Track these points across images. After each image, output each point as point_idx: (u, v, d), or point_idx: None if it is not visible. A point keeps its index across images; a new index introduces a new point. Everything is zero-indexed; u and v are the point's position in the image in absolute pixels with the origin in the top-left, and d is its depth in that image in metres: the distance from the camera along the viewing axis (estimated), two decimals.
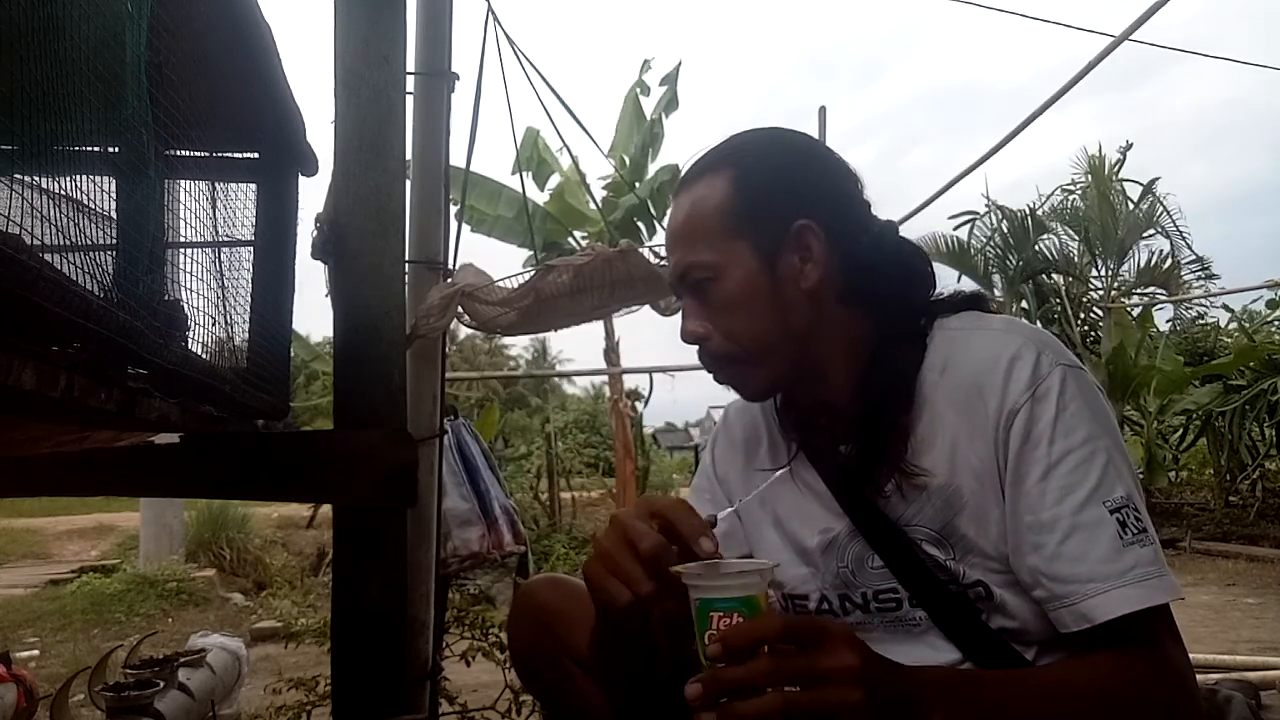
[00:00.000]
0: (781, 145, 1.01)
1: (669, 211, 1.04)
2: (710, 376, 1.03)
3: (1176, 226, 9.59)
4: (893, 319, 0.97)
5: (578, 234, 9.71)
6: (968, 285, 10.02)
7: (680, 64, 9.46)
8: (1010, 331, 0.93)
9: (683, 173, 1.04)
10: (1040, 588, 0.86)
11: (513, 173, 8.84)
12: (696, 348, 0.99)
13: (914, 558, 0.94)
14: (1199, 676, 1.11)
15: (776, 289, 0.95)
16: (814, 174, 1.00)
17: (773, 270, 0.95)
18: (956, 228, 10.20)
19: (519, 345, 21.32)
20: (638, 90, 9.65)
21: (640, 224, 9.23)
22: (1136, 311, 10.09)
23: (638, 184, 9.10)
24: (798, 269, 0.95)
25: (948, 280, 1.09)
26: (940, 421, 0.92)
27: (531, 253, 8.82)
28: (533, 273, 1.98)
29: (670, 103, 9.37)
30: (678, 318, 1.07)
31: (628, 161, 9.46)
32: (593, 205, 9.26)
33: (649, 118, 9.43)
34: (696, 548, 0.78)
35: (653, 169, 9.40)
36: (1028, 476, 0.86)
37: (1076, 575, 0.83)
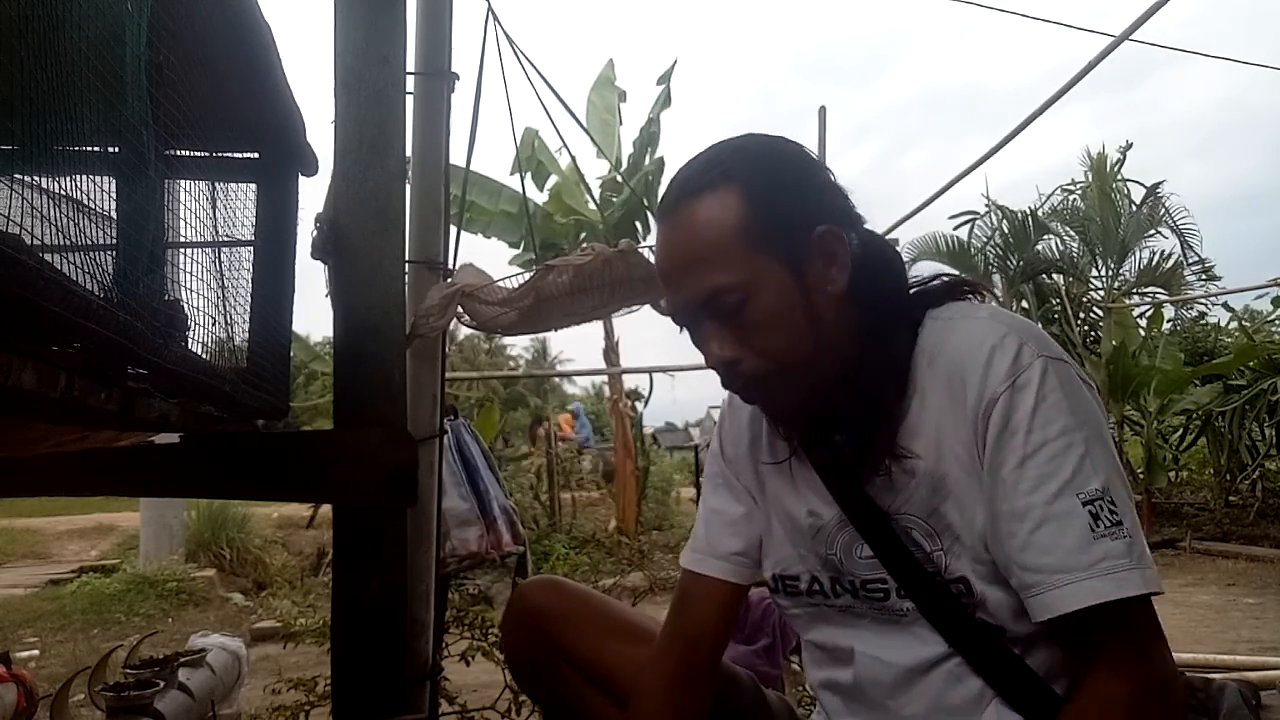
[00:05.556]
0: (780, 152, 0.98)
1: (661, 239, 0.97)
2: (720, 383, 1.00)
3: (1177, 226, 9.59)
4: (886, 310, 0.97)
5: (577, 234, 9.71)
6: None
7: (676, 62, 9.45)
8: (995, 320, 0.93)
9: (668, 194, 0.97)
10: (1013, 576, 0.87)
11: (512, 173, 8.82)
12: (723, 371, 0.95)
13: (902, 548, 0.95)
14: (1200, 676, 1.12)
15: (807, 299, 0.93)
16: (817, 178, 0.98)
17: (802, 280, 0.93)
18: (956, 228, 10.20)
19: (519, 345, 21.35)
20: (618, 100, 9.66)
21: (637, 223, 9.22)
22: (1139, 312, 10.09)
23: (634, 182, 9.09)
24: (823, 275, 0.94)
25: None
26: (928, 409, 0.93)
27: (530, 253, 8.82)
28: (533, 273, 1.98)
29: (665, 101, 9.36)
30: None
31: (624, 162, 9.45)
32: (592, 205, 9.25)
33: (647, 116, 9.42)
34: None
35: (647, 166, 9.39)
36: (1004, 464, 0.87)
37: (1045, 565, 0.83)
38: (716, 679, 1.12)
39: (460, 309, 1.98)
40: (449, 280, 2.04)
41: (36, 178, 0.69)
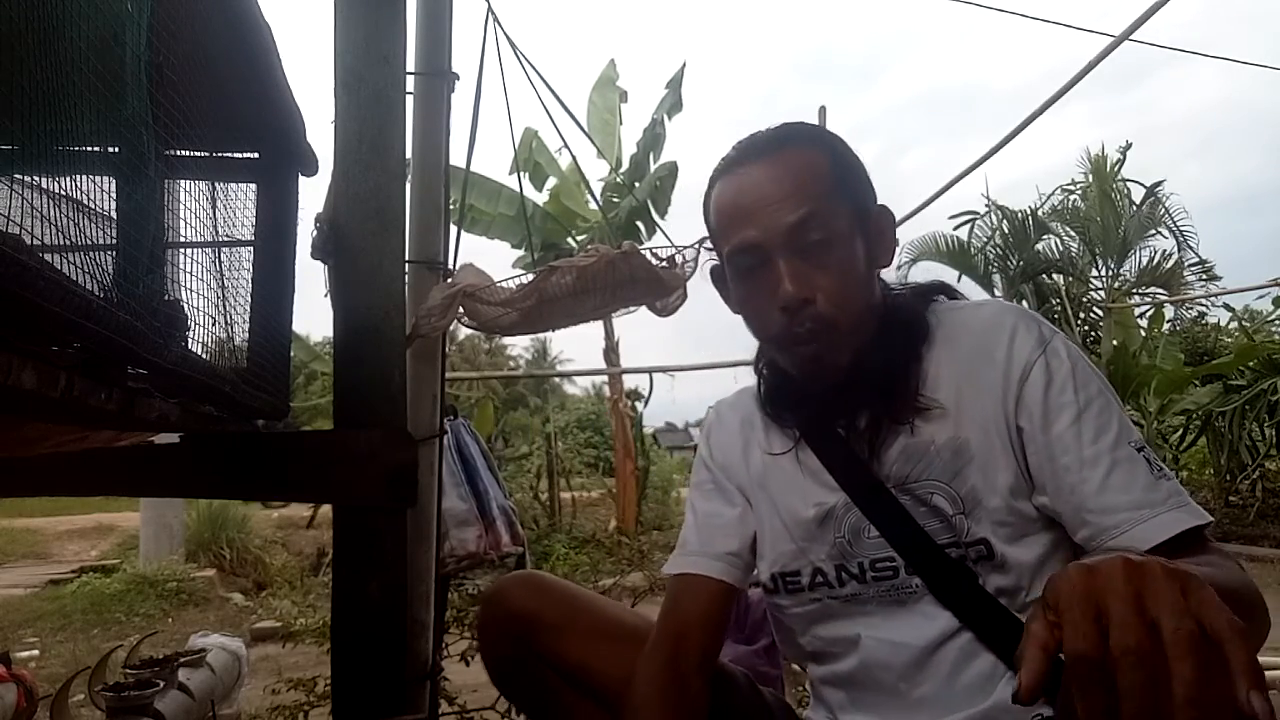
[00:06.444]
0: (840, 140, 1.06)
1: (748, 175, 0.98)
2: (776, 334, 1.01)
3: (1177, 227, 9.59)
4: (901, 295, 1.06)
5: (576, 235, 9.69)
6: (968, 285, 10.06)
7: (685, 66, 9.40)
8: (1005, 305, 1.03)
9: (751, 144, 1.01)
10: (1085, 526, 0.89)
11: (510, 173, 8.82)
12: (794, 309, 0.96)
13: (909, 523, 0.97)
14: None
15: (867, 263, 0.99)
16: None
17: (866, 245, 0.99)
18: (956, 228, 10.21)
19: (519, 345, 21.35)
20: (619, 100, 9.63)
21: (640, 225, 9.20)
22: (1139, 312, 10.08)
23: (637, 184, 9.06)
24: (876, 248, 1.01)
25: (948, 280, 1.14)
26: (945, 376, 0.98)
27: (529, 254, 8.80)
28: (535, 273, 1.98)
29: (675, 105, 9.31)
30: (677, 317, 1.07)
31: (625, 163, 9.41)
32: (593, 205, 9.23)
33: (651, 117, 9.39)
34: None
35: (653, 169, 9.34)
36: (1058, 420, 0.92)
37: (1126, 504, 0.87)
38: (709, 679, 1.09)
39: (462, 309, 1.98)
40: (450, 280, 2.03)
41: (36, 178, 0.69)
